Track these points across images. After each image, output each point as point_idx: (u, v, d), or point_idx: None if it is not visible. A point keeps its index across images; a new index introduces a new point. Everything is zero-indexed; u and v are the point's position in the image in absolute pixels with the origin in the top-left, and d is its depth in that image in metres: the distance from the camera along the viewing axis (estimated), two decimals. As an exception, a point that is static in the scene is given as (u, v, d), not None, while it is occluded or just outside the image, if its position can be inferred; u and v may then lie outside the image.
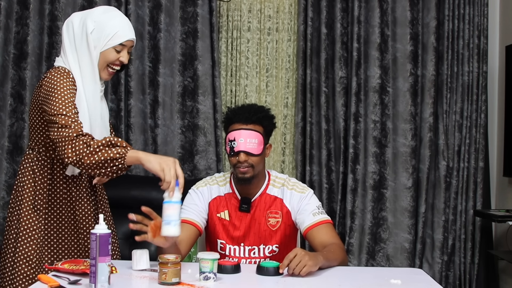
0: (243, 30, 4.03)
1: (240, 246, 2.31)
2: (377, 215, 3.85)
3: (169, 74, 3.82)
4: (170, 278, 1.82)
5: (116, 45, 2.11)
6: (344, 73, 3.84)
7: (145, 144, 3.82)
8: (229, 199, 2.34)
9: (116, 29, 2.11)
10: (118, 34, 2.11)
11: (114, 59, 2.13)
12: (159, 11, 3.77)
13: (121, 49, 2.13)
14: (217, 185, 2.37)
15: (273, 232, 2.30)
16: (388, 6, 3.83)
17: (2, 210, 3.62)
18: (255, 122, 2.25)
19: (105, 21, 2.11)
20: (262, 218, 2.30)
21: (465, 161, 3.85)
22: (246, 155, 2.22)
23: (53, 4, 3.69)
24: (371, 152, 3.82)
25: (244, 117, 2.24)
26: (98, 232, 1.74)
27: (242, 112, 2.27)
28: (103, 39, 2.10)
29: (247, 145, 2.20)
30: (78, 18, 2.15)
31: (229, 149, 2.23)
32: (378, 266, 3.77)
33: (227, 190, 2.35)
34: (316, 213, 2.29)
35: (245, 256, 2.31)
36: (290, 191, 2.33)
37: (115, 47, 2.12)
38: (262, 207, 2.32)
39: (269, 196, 2.33)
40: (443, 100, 3.86)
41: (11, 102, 3.66)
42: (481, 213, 3.65)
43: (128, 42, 2.15)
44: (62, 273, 1.91)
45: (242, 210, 2.30)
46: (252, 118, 2.24)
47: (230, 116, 2.29)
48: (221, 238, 2.33)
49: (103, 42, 2.10)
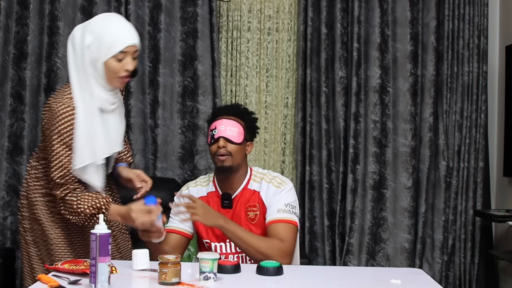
0: (243, 30, 4.03)
1: (226, 242, 2.30)
2: (377, 215, 3.85)
3: (169, 74, 3.82)
4: (170, 278, 1.82)
5: (116, 53, 2.03)
6: (344, 73, 3.84)
7: (145, 144, 3.82)
8: (211, 198, 2.36)
9: (114, 37, 2.03)
10: (116, 42, 2.03)
11: (119, 69, 2.05)
12: (159, 11, 3.77)
13: (123, 56, 2.04)
14: (200, 186, 2.40)
15: (253, 226, 2.30)
16: (388, 6, 3.83)
17: (2, 210, 3.62)
18: (236, 115, 2.33)
19: (102, 31, 2.04)
20: (243, 212, 2.31)
21: (465, 161, 3.85)
22: (225, 141, 2.25)
23: (53, 4, 3.69)
24: (371, 152, 3.82)
25: (226, 110, 2.36)
26: (98, 232, 1.74)
27: (224, 107, 2.47)
28: (102, 49, 2.02)
29: (227, 132, 2.26)
30: (79, 32, 2.09)
31: (210, 138, 2.30)
32: (378, 266, 3.77)
33: (210, 189, 2.37)
34: (281, 210, 2.25)
35: (232, 251, 2.31)
36: (267, 184, 2.32)
37: (116, 56, 2.03)
38: (243, 202, 2.32)
39: (249, 190, 2.33)
40: (443, 100, 3.86)
41: (11, 102, 3.65)
42: (481, 213, 3.65)
43: (129, 48, 2.05)
44: (62, 273, 1.91)
45: (224, 206, 2.32)
46: (234, 111, 2.35)
47: (214, 112, 2.44)
48: (205, 238, 2.34)
49: (104, 52, 2.03)
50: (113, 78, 2.07)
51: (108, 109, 2.13)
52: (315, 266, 2.27)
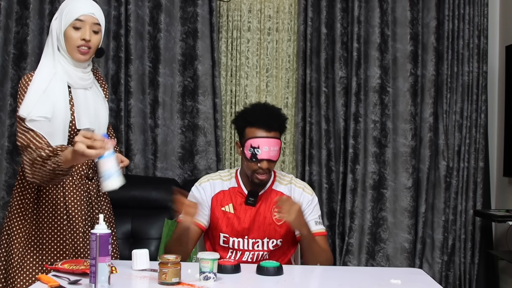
0: (243, 30, 4.03)
1: (244, 238, 2.34)
2: (377, 215, 3.85)
3: (169, 74, 3.82)
4: (170, 278, 1.82)
5: (72, 21, 2.09)
6: (344, 73, 3.84)
7: (145, 144, 3.82)
8: (233, 193, 2.38)
9: (72, 6, 2.11)
10: (72, 10, 2.10)
11: (76, 38, 2.10)
12: (159, 11, 3.77)
13: (81, 25, 2.10)
14: (220, 180, 2.40)
15: (278, 227, 2.34)
16: (388, 6, 3.83)
17: (2, 210, 3.62)
18: (276, 130, 2.29)
19: (66, 5, 2.14)
20: (268, 213, 2.35)
21: (465, 161, 3.85)
22: (268, 163, 2.27)
23: (53, 4, 3.69)
24: (371, 152, 3.82)
25: (267, 124, 2.26)
26: (98, 232, 1.74)
27: (263, 117, 2.27)
28: (63, 20, 2.11)
29: (270, 153, 2.25)
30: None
31: (251, 155, 2.26)
32: (378, 266, 3.77)
33: (231, 185, 2.39)
34: (317, 223, 2.39)
35: (249, 248, 2.34)
36: (300, 190, 2.40)
37: (73, 24, 2.09)
38: (268, 201, 2.36)
39: (275, 191, 2.38)
40: (443, 100, 3.86)
41: (11, 102, 3.66)
42: (481, 213, 3.65)
43: (86, 18, 2.11)
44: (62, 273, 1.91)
45: (248, 203, 2.35)
46: (274, 125, 2.28)
47: (250, 120, 2.28)
48: (224, 232, 2.35)
49: (64, 23, 2.10)
50: (72, 49, 2.12)
51: (78, 85, 2.16)
52: (315, 266, 2.27)
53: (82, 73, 2.17)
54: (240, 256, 2.34)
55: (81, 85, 2.17)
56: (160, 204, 3.56)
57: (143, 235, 3.44)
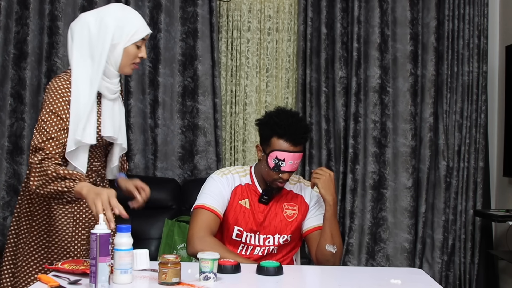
0: (243, 30, 4.03)
1: (256, 234, 2.37)
2: (377, 215, 3.85)
3: (169, 74, 3.82)
4: (170, 278, 1.82)
5: (138, 40, 2.15)
6: (344, 73, 3.84)
7: (145, 144, 3.82)
8: (248, 190, 2.40)
9: (137, 25, 2.15)
10: (139, 30, 2.15)
11: (136, 55, 2.17)
12: (159, 11, 3.77)
13: (141, 44, 2.18)
14: (238, 175, 2.43)
15: (289, 223, 2.39)
16: (388, 6, 3.83)
17: (2, 210, 3.62)
18: (302, 143, 2.31)
19: (125, 18, 2.14)
20: (279, 210, 2.39)
21: (465, 161, 3.85)
22: (289, 174, 2.31)
23: (53, 4, 3.69)
24: (371, 152, 3.82)
25: (294, 138, 2.26)
26: (98, 232, 1.74)
27: (291, 130, 2.26)
28: (125, 35, 2.12)
29: (293, 166, 2.29)
30: (93, 18, 2.13)
31: (275, 165, 2.27)
32: (378, 266, 3.77)
33: (246, 181, 2.42)
34: None
35: (260, 244, 2.37)
36: (308, 188, 2.45)
37: (136, 43, 2.15)
38: (278, 199, 2.40)
39: (285, 190, 2.42)
40: (443, 100, 3.86)
41: (11, 102, 3.66)
42: (481, 213, 3.65)
43: (147, 37, 2.22)
44: (62, 273, 1.91)
45: (261, 201, 2.38)
46: (301, 140, 2.29)
47: (278, 132, 2.26)
48: (239, 225, 2.37)
49: (126, 38, 2.12)
50: (127, 64, 2.16)
51: (109, 97, 2.17)
52: (315, 266, 2.27)
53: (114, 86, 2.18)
54: (251, 251, 2.36)
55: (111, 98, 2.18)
56: (160, 204, 3.56)
57: (143, 235, 3.44)
